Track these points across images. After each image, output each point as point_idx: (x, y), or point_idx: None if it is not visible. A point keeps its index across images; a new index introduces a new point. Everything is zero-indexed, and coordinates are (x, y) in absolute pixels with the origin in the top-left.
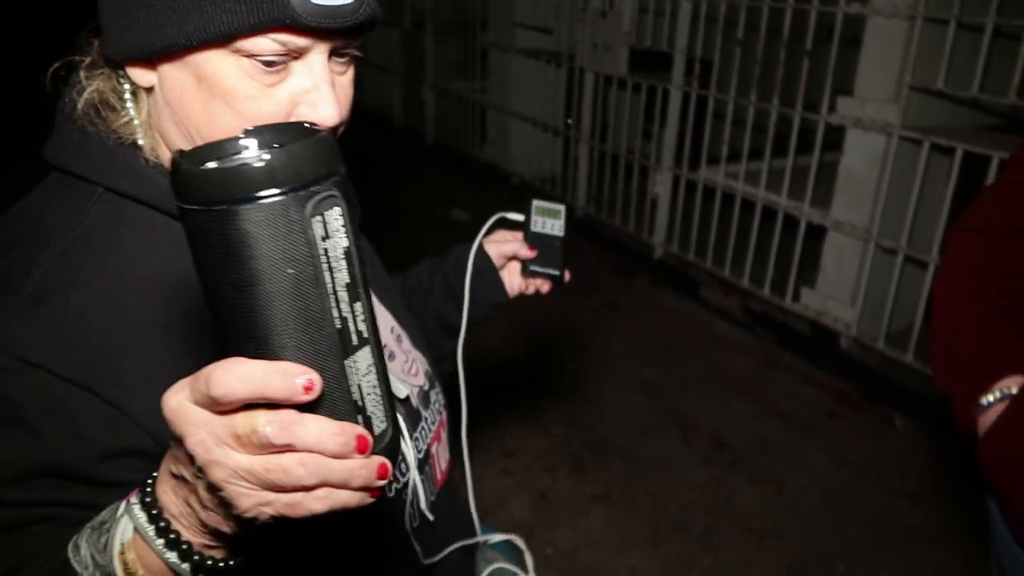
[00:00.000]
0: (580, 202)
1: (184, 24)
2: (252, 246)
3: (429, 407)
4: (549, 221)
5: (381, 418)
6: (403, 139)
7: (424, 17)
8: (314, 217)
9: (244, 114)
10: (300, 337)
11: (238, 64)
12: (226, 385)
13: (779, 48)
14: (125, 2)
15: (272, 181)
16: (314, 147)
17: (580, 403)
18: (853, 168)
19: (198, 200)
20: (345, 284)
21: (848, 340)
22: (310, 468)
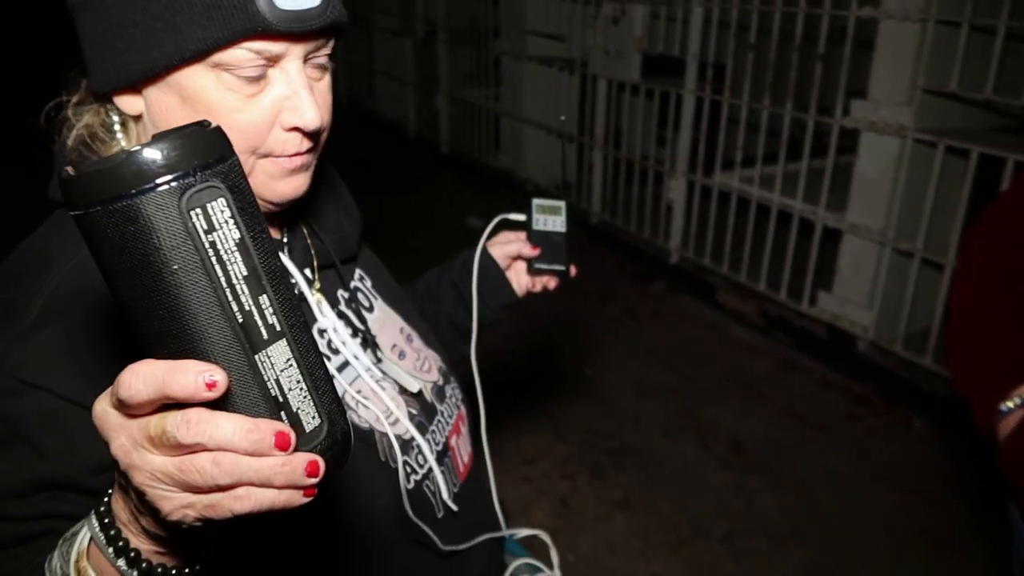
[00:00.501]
0: (595, 208)
1: (163, 45)
2: (132, 246)
3: (445, 401)
4: (551, 218)
5: (312, 415)
6: (417, 147)
7: (437, 26)
8: (192, 210)
9: (230, 127)
10: (201, 334)
11: (219, 79)
12: (131, 388)
13: (792, 52)
14: (105, 33)
15: (140, 178)
16: (188, 139)
17: (598, 409)
18: (868, 171)
19: (78, 205)
20: (243, 276)
21: (865, 343)
22: (224, 467)
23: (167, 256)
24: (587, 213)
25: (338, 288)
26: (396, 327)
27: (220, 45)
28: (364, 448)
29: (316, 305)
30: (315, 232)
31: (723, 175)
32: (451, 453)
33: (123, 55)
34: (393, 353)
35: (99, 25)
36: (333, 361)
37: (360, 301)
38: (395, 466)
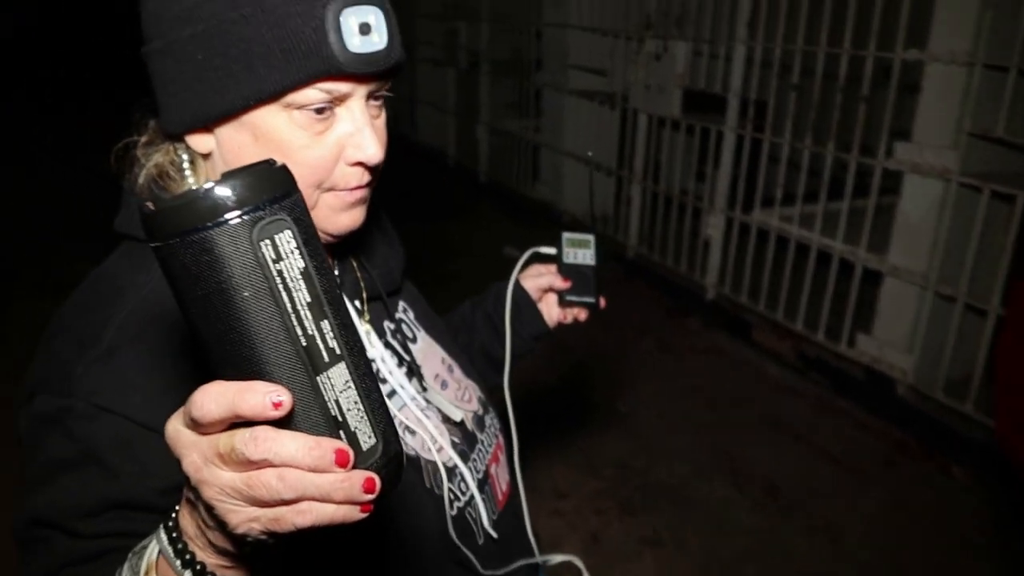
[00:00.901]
0: (632, 242)
1: (240, 87)
2: (206, 275)
3: (484, 430)
4: (580, 251)
5: (368, 434)
6: (456, 176)
7: (480, 57)
8: (262, 241)
9: (300, 163)
10: (268, 357)
11: (290, 117)
12: (203, 407)
13: (835, 92)
14: (183, 78)
15: (214, 212)
16: (256, 176)
17: (631, 445)
18: (910, 214)
19: (157, 237)
20: (306, 303)
21: (905, 387)
22: (288, 482)
23: (238, 284)
24: (624, 246)
25: (384, 319)
26: (438, 357)
27: (296, 86)
28: (411, 474)
29: (365, 335)
30: (363, 265)
31: (762, 212)
32: (491, 481)
33: (200, 97)
34: (436, 383)
35: (176, 70)
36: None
37: (404, 332)
38: (440, 493)
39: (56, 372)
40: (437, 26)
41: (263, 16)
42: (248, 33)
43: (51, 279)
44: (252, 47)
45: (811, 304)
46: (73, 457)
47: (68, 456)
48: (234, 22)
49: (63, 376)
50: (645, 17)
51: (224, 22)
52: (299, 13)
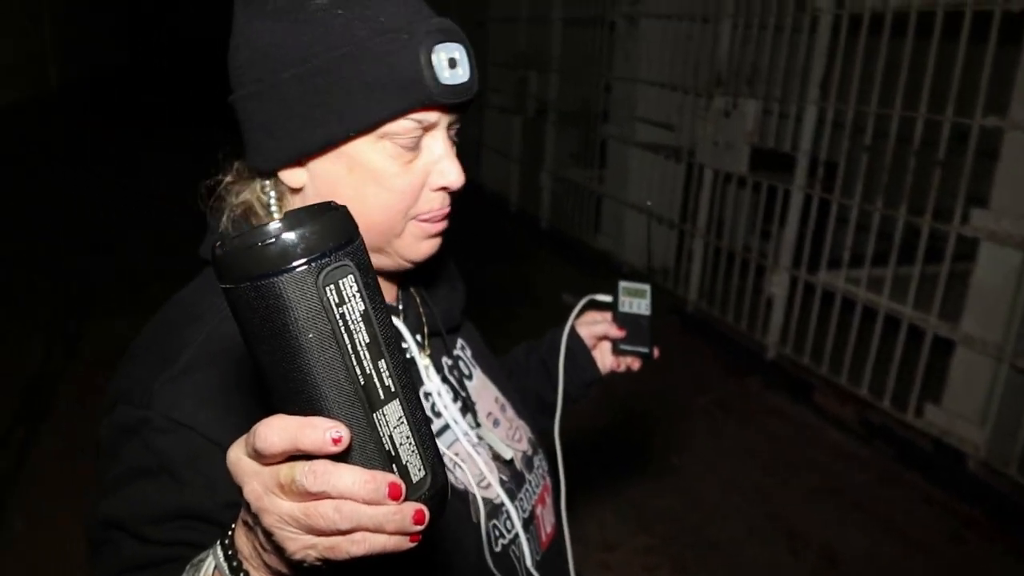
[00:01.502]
0: (692, 296)
1: (343, 120)
2: (274, 317)
3: (532, 471)
4: (636, 301)
5: (418, 467)
6: (518, 222)
7: (547, 107)
8: (327, 286)
9: (391, 190)
10: (328, 394)
11: (383, 147)
12: (266, 440)
13: (909, 156)
14: (281, 115)
15: (284, 257)
16: (324, 223)
17: (684, 501)
18: (986, 282)
19: (227, 279)
20: (366, 344)
21: (976, 462)
22: (344, 513)
23: (304, 326)
24: (683, 300)
25: (443, 355)
26: (492, 396)
27: (394, 116)
28: (459, 506)
29: (424, 369)
30: (426, 301)
31: (829, 274)
32: (536, 522)
33: (300, 133)
34: (488, 420)
35: (275, 110)
36: (435, 423)
37: (461, 369)
38: (485, 528)
39: (137, 385)
40: (508, 74)
41: (364, 54)
42: (350, 71)
43: (127, 300)
44: (354, 82)
45: (877, 370)
46: (148, 466)
47: (143, 465)
48: (336, 61)
49: (143, 390)
50: (715, 74)
51: (328, 62)
52: (397, 50)
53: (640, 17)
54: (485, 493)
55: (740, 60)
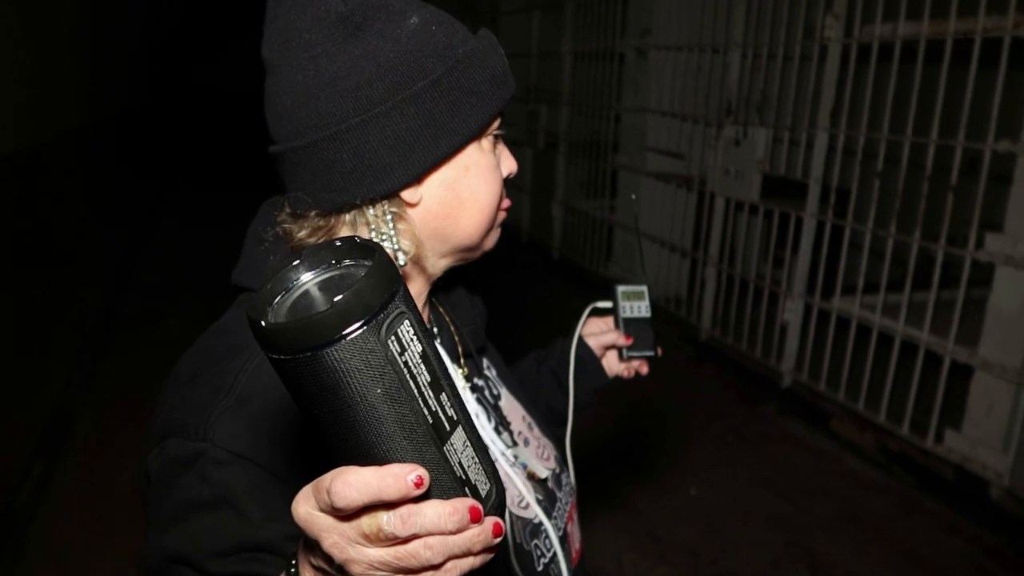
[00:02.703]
0: (705, 324)
1: (467, 123)
2: (340, 380)
3: (562, 488)
4: (636, 304)
5: (484, 481)
6: (529, 251)
7: (558, 139)
8: (389, 339)
9: (498, 182)
10: (401, 441)
11: (484, 144)
12: (346, 498)
13: (921, 182)
14: (404, 133)
15: (345, 321)
16: (373, 277)
17: (703, 532)
18: (1003, 307)
19: (283, 351)
20: (428, 383)
21: (999, 491)
22: (436, 549)
23: (372, 384)
24: (696, 329)
25: (475, 376)
26: (519, 415)
27: (499, 112)
28: (506, 530)
29: (461, 391)
30: (454, 323)
31: (843, 300)
32: (568, 539)
33: (429, 147)
34: (519, 439)
35: (398, 130)
36: None
37: (491, 388)
38: (528, 548)
39: (190, 417)
40: (520, 108)
41: (470, 59)
42: (465, 77)
43: (144, 335)
44: (471, 86)
45: (894, 396)
46: (208, 499)
47: (203, 498)
48: (453, 70)
49: (198, 421)
50: (725, 103)
51: (446, 72)
52: (486, 51)
53: (649, 49)
54: (524, 513)
55: (750, 89)
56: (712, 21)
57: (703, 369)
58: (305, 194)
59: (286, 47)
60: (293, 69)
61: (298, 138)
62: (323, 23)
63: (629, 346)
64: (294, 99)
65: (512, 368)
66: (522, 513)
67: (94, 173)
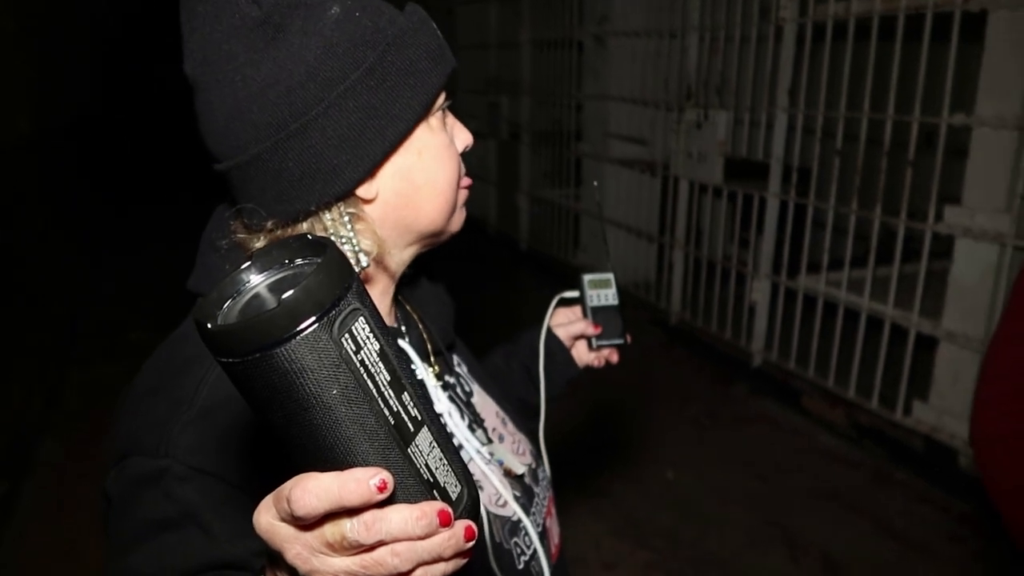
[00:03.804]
0: (675, 308)
1: (410, 107)
2: (293, 381)
3: (539, 483)
4: (603, 292)
5: (454, 484)
6: (497, 245)
7: (520, 128)
8: (343, 337)
9: (453, 159)
10: (362, 444)
11: (434, 123)
12: (306, 506)
13: (880, 158)
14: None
15: (294, 319)
16: (323, 273)
17: (681, 515)
18: (964, 278)
19: (232, 354)
20: (387, 382)
21: (968, 458)
22: (404, 556)
23: (326, 385)
24: (666, 313)
25: (446, 373)
26: (493, 411)
27: (441, 88)
28: (483, 530)
29: (432, 390)
30: (422, 320)
31: (809, 278)
32: (547, 534)
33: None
34: (494, 436)
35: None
36: None
37: (463, 386)
38: (508, 547)
39: (151, 433)
40: (480, 100)
41: (402, 40)
42: (400, 59)
43: (106, 347)
44: (407, 68)
45: (863, 370)
46: (172, 517)
47: (167, 516)
48: (386, 55)
49: (158, 437)
50: (685, 87)
51: (379, 59)
52: (418, 27)
53: (608, 36)
54: (502, 511)
55: (709, 72)
56: (669, 5)
57: (674, 353)
58: (257, 206)
59: (207, 62)
60: (220, 84)
61: (239, 154)
62: (240, 31)
63: (598, 335)
64: (227, 115)
65: (481, 363)
66: (500, 511)
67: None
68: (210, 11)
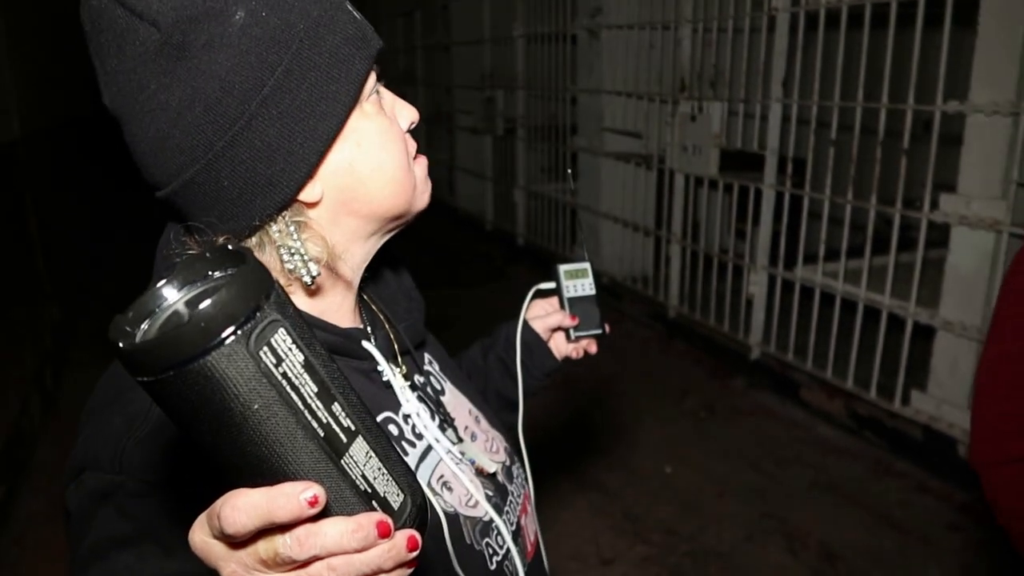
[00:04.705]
0: (673, 302)
1: (336, 100)
2: (211, 397)
3: (513, 481)
4: (579, 282)
5: (395, 493)
6: (494, 240)
7: (516, 123)
8: (260, 350)
9: (397, 141)
10: (290, 458)
11: (368, 109)
12: (236, 523)
13: (875, 147)
14: (275, 137)
15: (206, 335)
16: (237, 285)
17: (679, 509)
18: (961, 266)
19: (146, 372)
20: (315, 393)
21: (967, 447)
22: (341, 570)
23: (246, 400)
24: (664, 306)
25: (415, 373)
26: (466, 409)
27: (367, 73)
28: (452, 532)
29: (400, 391)
30: (389, 319)
31: (805, 269)
32: (522, 533)
33: (305, 140)
34: (467, 435)
35: (268, 137)
36: (417, 446)
37: (433, 384)
38: (479, 548)
39: (105, 448)
40: (475, 95)
41: (317, 33)
42: (318, 53)
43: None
44: (327, 60)
45: (861, 361)
46: (128, 534)
47: (123, 532)
48: (302, 52)
49: (113, 452)
50: (679, 80)
51: (296, 57)
52: (334, 15)
53: (601, 29)
54: (473, 512)
55: (702, 64)
56: None
57: (673, 346)
58: (204, 226)
59: (122, 93)
60: (139, 115)
61: (174, 180)
62: (144, 58)
63: (575, 325)
64: (152, 145)
65: (458, 359)
66: (471, 512)
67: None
68: (113, 40)
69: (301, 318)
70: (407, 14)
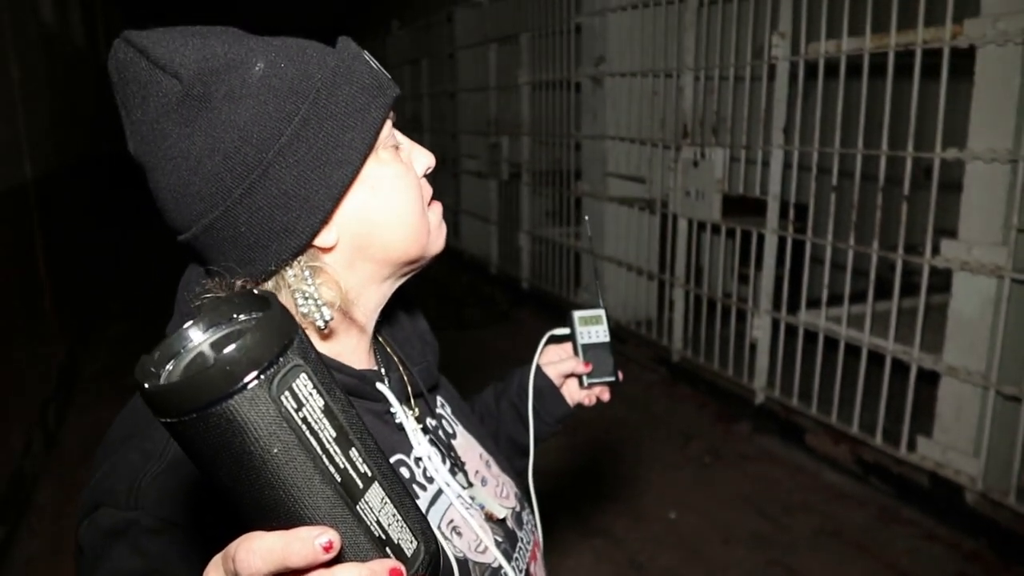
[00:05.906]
0: (676, 346)
1: (352, 147)
2: (232, 441)
3: (523, 527)
4: (593, 329)
5: (409, 539)
6: (498, 284)
7: (520, 168)
8: (282, 395)
9: (412, 187)
10: (307, 502)
11: (384, 156)
12: (251, 567)
13: (875, 193)
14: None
15: (230, 379)
16: (261, 330)
17: (684, 556)
18: (963, 312)
19: (169, 414)
20: (333, 438)
21: (974, 495)
22: None
23: (266, 444)
24: (668, 350)
25: (427, 416)
26: (476, 453)
27: (383, 121)
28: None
29: (412, 433)
30: (403, 362)
31: (808, 314)
32: None
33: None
34: (477, 479)
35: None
36: (428, 490)
37: (445, 428)
38: None
39: (121, 484)
40: (481, 141)
41: (335, 82)
42: (334, 101)
43: (107, 390)
44: (343, 109)
45: (866, 406)
46: (140, 570)
47: (135, 569)
48: (319, 101)
49: (128, 489)
50: (682, 126)
51: (314, 105)
52: (351, 64)
53: (604, 77)
54: (482, 558)
55: (704, 111)
56: (664, 46)
57: (677, 390)
58: (222, 269)
59: (145, 142)
60: (161, 162)
61: (193, 226)
62: (167, 108)
63: (589, 372)
64: (174, 192)
65: (471, 402)
66: (481, 558)
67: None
68: (137, 92)
69: (323, 363)
70: (414, 62)
